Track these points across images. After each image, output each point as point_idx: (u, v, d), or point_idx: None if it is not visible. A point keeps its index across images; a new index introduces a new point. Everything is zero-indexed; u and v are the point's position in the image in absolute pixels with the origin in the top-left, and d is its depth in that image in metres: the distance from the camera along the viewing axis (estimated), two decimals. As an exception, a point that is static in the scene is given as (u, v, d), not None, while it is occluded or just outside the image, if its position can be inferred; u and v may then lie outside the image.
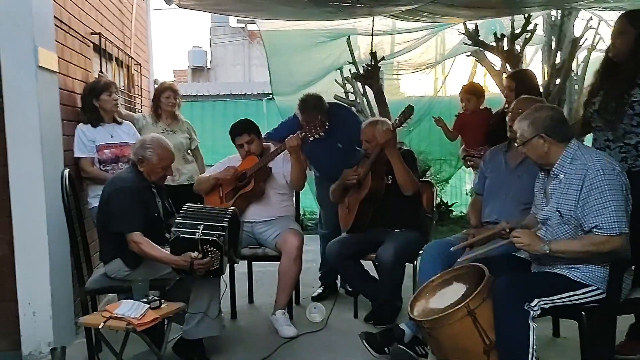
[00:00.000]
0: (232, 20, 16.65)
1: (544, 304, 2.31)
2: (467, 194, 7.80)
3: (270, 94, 7.10)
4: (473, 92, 4.41)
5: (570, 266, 2.39)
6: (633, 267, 2.47)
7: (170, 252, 2.85)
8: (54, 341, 3.07)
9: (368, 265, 3.70)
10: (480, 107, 4.37)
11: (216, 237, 2.82)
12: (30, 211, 3.05)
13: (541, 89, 5.85)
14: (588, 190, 2.31)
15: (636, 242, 2.41)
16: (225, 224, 2.90)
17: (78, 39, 3.86)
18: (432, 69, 7.87)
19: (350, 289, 4.01)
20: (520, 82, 3.78)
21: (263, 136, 3.84)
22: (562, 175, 2.42)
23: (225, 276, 3.42)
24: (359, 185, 3.60)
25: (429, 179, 6.34)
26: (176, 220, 2.92)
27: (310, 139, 3.48)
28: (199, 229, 2.83)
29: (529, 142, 2.44)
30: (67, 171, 3.09)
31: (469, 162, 4.35)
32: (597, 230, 2.28)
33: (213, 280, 3.01)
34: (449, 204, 7.48)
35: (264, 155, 3.66)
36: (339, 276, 4.16)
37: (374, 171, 3.52)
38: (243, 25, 16.74)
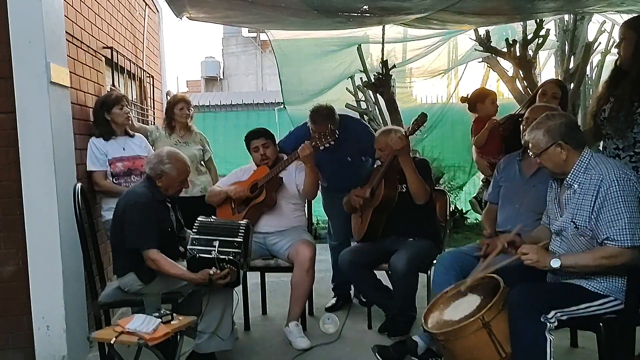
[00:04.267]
0: (244, 30, 16.79)
1: (561, 316, 2.27)
2: (480, 202, 7.72)
3: (282, 102, 7.12)
4: (482, 97, 4.39)
5: (587, 277, 2.35)
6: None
7: (188, 269, 2.88)
8: (68, 355, 3.09)
9: (382, 275, 3.67)
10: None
11: (232, 255, 2.87)
12: (43, 225, 3.07)
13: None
14: (602, 200, 2.26)
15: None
16: (240, 239, 2.93)
17: (90, 53, 3.90)
18: (445, 76, 7.84)
19: (364, 300, 3.98)
20: (564, 94, 3.61)
21: (275, 145, 3.84)
22: (576, 185, 2.37)
23: (238, 288, 3.43)
24: (372, 194, 3.58)
25: (442, 187, 6.30)
26: (191, 237, 2.95)
27: (321, 148, 3.47)
28: (215, 247, 2.87)
29: (545, 152, 2.38)
30: (79, 185, 3.11)
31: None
32: (609, 242, 2.23)
33: (226, 294, 3.01)
34: (464, 211, 7.41)
35: (276, 164, 3.66)
36: (352, 286, 4.13)
37: (387, 180, 3.50)
38: (255, 35, 16.87)
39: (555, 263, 2.28)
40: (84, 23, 3.81)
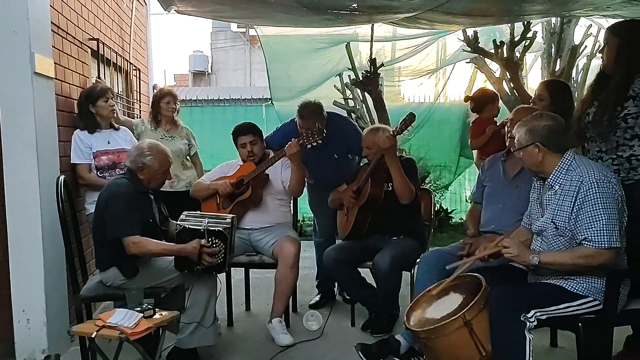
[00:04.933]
0: (233, 25, 16.72)
1: (541, 315, 2.29)
2: (466, 201, 7.79)
3: (270, 98, 7.11)
4: (493, 99, 4.41)
5: (566, 277, 2.38)
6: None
7: (176, 243, 2.88)
8: (48, 349, 3.06)
9: (366, 273, 3.68)
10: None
11: (222, 228, 2.87)
12: (25, 218, 3.04)
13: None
14: (581, 202, 2.30)
15: (632, 253, 2.39)
16: (229, 221, 2.94)
17: (76, 45, 3.86)
18: (433, 75, 7.87)
19: (347, 297, 3.99)
20: (556, 93, 3.47)
21: (262, 141, 3.83)
22: (557, 187, 2.40)
23: (222, 283, 3.43)
24: (358, 192, 3.59)
25: (428, 186, 6.33)
26: (180, 217, 2.96)
27: (308, 146, 3.46)
28: (205, 221, 2.89)
29: (524, 149, 2.46)
30: (62, 177, 3.08)
31: None
32: (587, 243, 2.27)
33: (210, 285, 3.01)
34: (449, 211, 7.47)
35: (263, 161, 3.65)
36: (336, 284, 4.14)
37: (373, 178, 3.51)
38: (244, 30, 16.80)
39: (534, 259, 2.33)
40: (70, 14, 3.76)
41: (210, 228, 2.86)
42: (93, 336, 2.43)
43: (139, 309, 2.53)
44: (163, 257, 3.02)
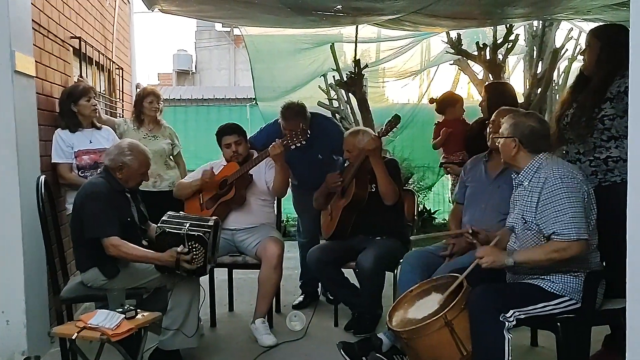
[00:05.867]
0: (218, 25, 16.60)
1: (519, 315, 2.32)
2: (449, 202, 7.84)
3: (254, 98, 7.09)
4: (454, 102, 4.56)
5: (543, 277, 2.41)
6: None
7: (155, 247, 2.85)
8: (28, 350, 3.01)
9: (349, 273, 3.70)
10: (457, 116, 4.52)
11: (202, 233, 2.85)
12: (4, 218, 2.99)
13: (523, 98, 5.95)
14: (546, 196, 2.36)
15: (607, 254, 2.44)
16: (211, 224, 2.93)
17: (57, 43, 3.82)
18: (417, 76, 7.93)
19: (331, 297, 4.00)
20: (493, 94, 3.77)
21: (246, 142, 3.82)
22: (526, 183, 2.48)
23: (205, 284, 3.41)
24: (343, 192, 3.60)
25: (412, 187, 6.37)
26: (162, 219, 2.94)
27: (292, 147, 3.47)
28: (186, 226, 2.86)
29: (503, 138, 2.54)
30: (43, 177, 3.04)
31: (448, 169, 4.43)
32: (555, 237, 2.32)
33: (192, 289, 2.99)
34: (432, 211, 7.51)
35: (247, 162, 3.65)
36: (320, 284, 4.15)
37: (357, 179, 3.52)
38: (228, 29, 16.71)
39: (509, 261, 2.37)
40: (52, 12, 3.72)
41: (190, 233, 2.84)
42: (74, 337, 2.41)
43: (120, 310, 2.51)
44: (144, 258, 3.01)
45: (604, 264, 2.55)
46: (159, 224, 2.90)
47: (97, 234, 2.83)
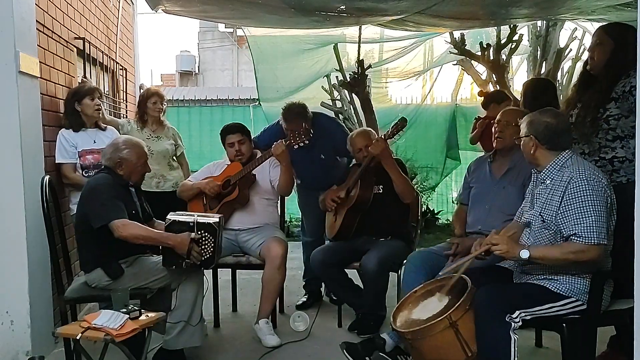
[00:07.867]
0: (221, 26, 16.62)
1: (525, 315, 2.31)
2: (453, 202, 7.83)
3: (258, 99, 7.09)
4: (500, 99, 4.56)
5: (550, 277, 2.40)
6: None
7: None
8: (32, 350, 3.01)
9: (353, 274, 3.69)
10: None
11: (212, 221, 2.88)
12: (9, 218, 3.00)
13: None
14: (570, 197, 2.32)
15: (616, 254, 2.42)
16: (217, 220, 2.94)
17: (61, 44, 3.82)
18: (421, 77, 7.91)
19: (334, 298, 4.00)
20: (532, 91, 3.71)
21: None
22: (548, 181, 2.45)
23: (209, 284, 3.41)
24: (347, 194, 3.60)
25: (415, 187, 6.35)
26: (169, 214, 2.96)
27: (295, 147, 3.46)
28: (194, 216, 2.90)
29: (522, 138, 2.52)
30: (47, 177, 3.05)
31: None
32: (575, 238, 2.29)
33: (197, 283, 3.00)
34: (435, 212, 7.50)
35: (250, 162, 3.64)
36: (323, 284, 4.15)
37: (363, 181, 3.52)
38: (231, 30, 16.72)
39: (524, 254, 2.32)
40: (56, 12, 3.73)
41: (200, 220, 2.87)
42: (78, 338, 2.41)
43: (124, 310, 2.51)
44: (149, 258, 3.01)
45: (611, 264, 2.53)
46: (167, 217, 2.91)
47: (105, 220, 2.79)
